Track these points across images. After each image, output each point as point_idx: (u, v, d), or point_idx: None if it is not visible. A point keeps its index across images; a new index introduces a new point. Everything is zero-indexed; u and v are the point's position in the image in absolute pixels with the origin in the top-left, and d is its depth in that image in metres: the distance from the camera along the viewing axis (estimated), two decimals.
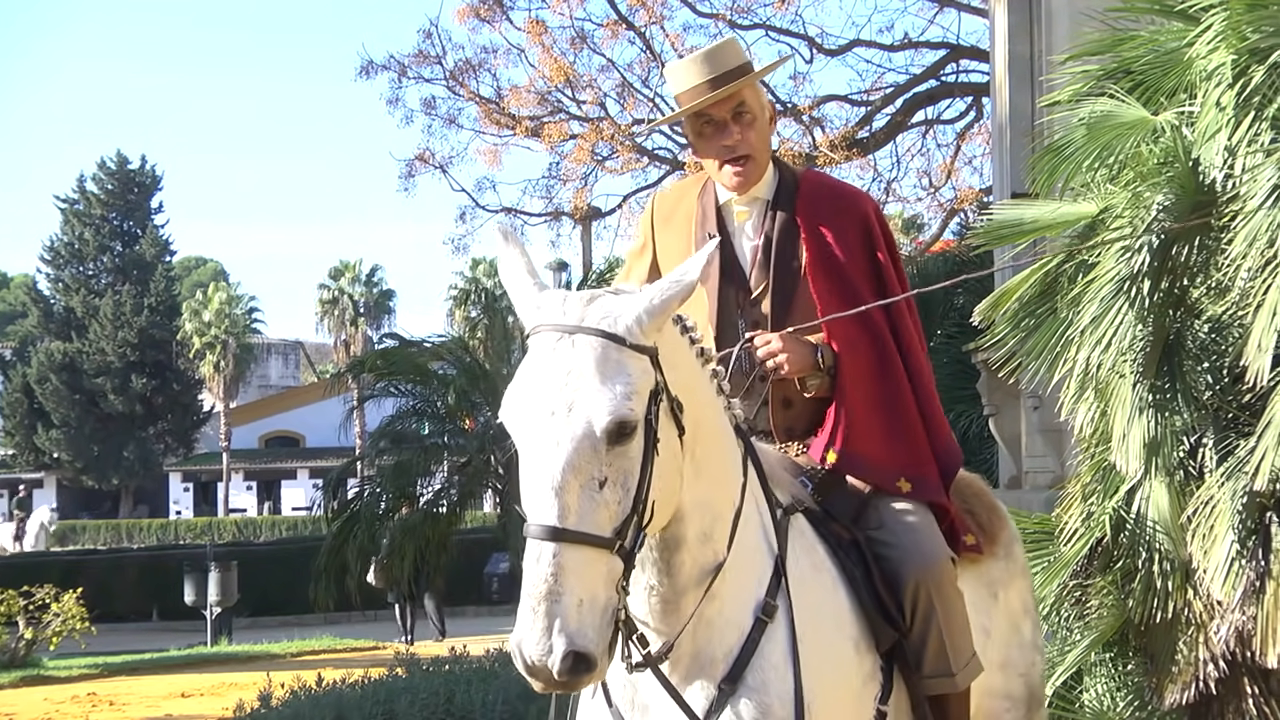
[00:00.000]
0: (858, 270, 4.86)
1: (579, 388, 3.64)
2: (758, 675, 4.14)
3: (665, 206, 5.09)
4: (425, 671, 12.55)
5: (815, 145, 27.52)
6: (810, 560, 4.44)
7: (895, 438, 4.78)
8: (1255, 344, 6.55)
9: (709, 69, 4.80)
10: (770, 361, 4.67)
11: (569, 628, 3.50)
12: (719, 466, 4.14)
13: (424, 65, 30.40)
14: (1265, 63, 6.73)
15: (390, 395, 22.99)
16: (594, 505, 3.62)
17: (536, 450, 3.64)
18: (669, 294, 3.84)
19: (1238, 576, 6.86)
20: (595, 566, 3.58)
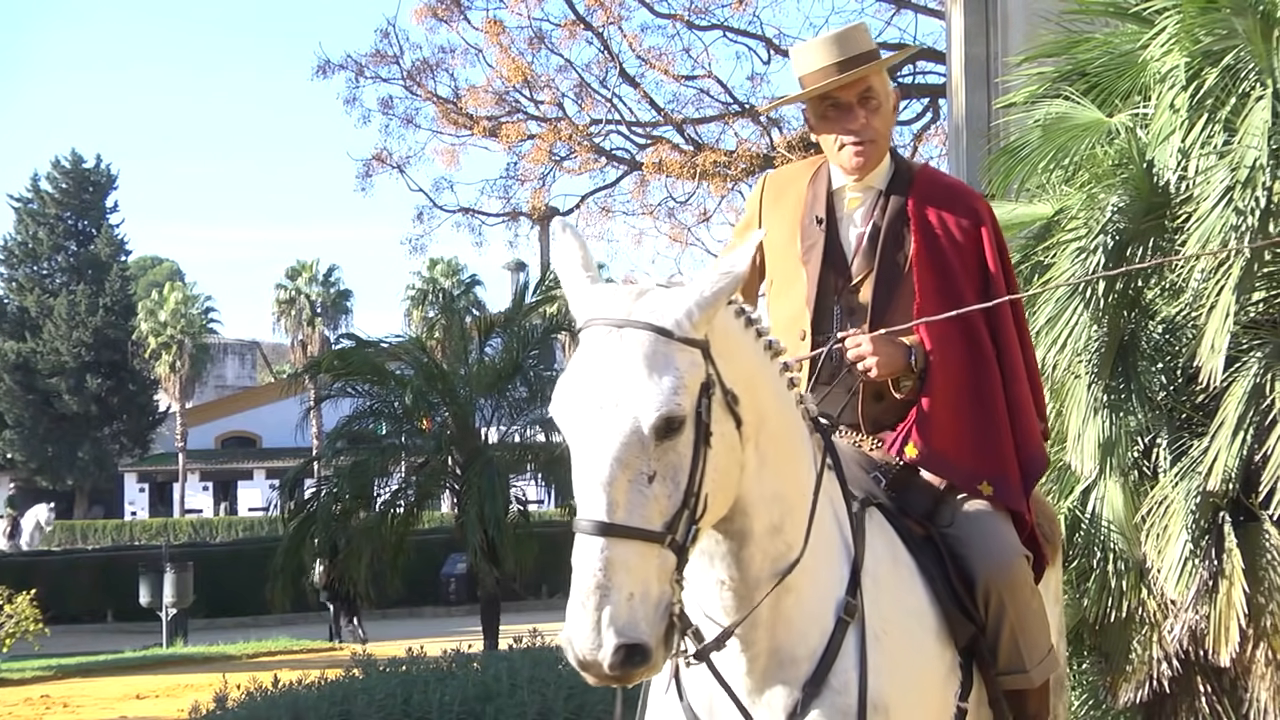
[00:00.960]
0: (964, 268, 4.81)
1: (626, 382, 3.62)
2: (841, 677, 4.13)
3: (776, 187, 5.05)
4: (382, 672, 12.49)
5: (773, 146, 27.56)
6: (889, 554, 4.42)
7: (980, 440, 4.74)
8: (1208, 344, 6.60)
9: (838, 51, 4.77)
10: (860, 364, 4.64)
11: (619, 621, 3.49)
12: (789, 459, 4.10)
13: (381, 65, 30.35)
14: (1218, 65, 6.78)
15: (347, 395, 22.90)
16: (643, 499, 3.59)
17: (585, 445, 3.63)
18: (718, 286, 3.80)
19: (1191, 576, 6.90)
20: (646, 560, 3.57)
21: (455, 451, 22.03)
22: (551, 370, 24.92)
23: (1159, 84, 7.20)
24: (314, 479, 24.02)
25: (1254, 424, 6.74)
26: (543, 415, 22.44)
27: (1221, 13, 6.74)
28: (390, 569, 21.81)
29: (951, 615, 4.49)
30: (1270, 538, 6.73)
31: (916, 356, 4.67)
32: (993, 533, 4.68)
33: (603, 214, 30.34)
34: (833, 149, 4.85)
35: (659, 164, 27.76)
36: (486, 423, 22.53)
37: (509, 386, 22.26)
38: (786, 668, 4.10)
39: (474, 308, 48.33)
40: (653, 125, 29.02)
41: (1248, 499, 6.84)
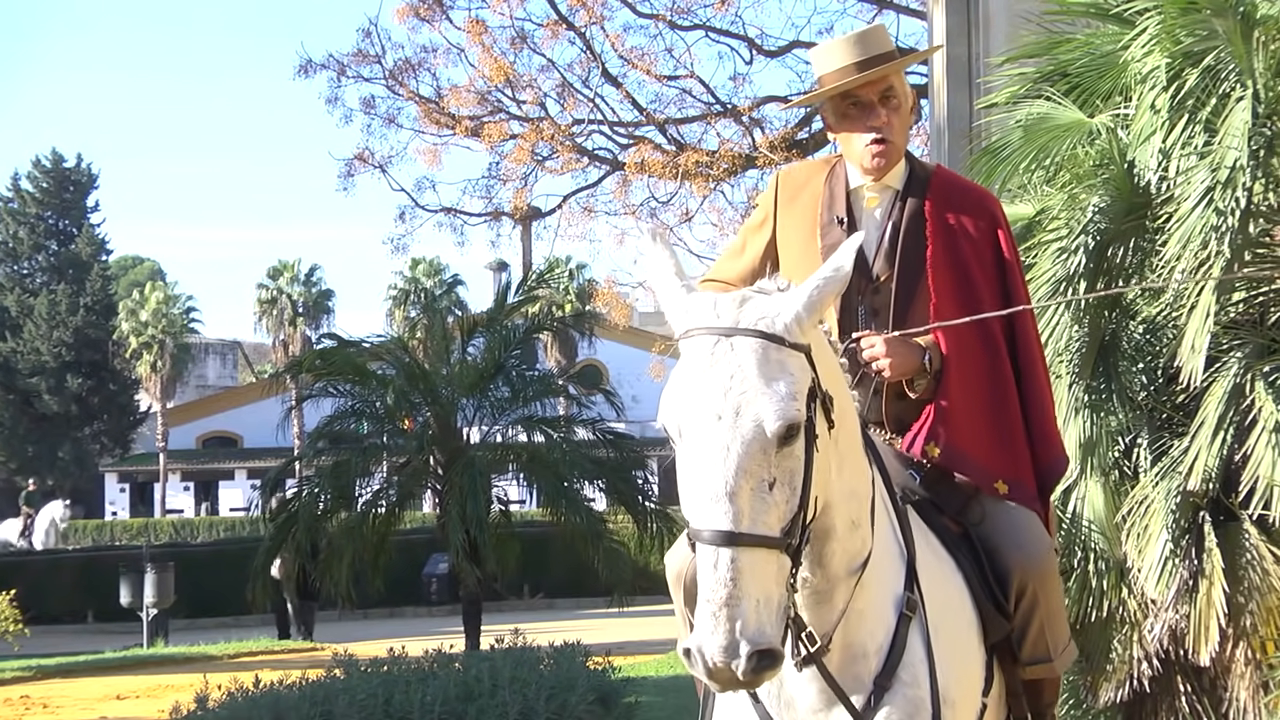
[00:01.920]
0: (980, 269, 4.84)
1: (744, 391, 3.62)
2: (910, 671, 4.15)
3: (791, 185, 5.04)
4: (363, 673, 12.47)
5: (755, 146, 27.57)
6: (931, 551, 4.45)
7: (996, 441, 4.77)
8: (1189, 345, 6.62)
9: (859, 51, 4.79)
10: (874, 365, 4.65)
11: (749, 630, 3.49)
12: (858, 457, 4.13)
13: (363, 64, 30.29)
14: (1198, 66, 6.79)
15: (329, 395, 22.84)
16: (765, 507, 3.61)
17: (705, 455, 3.62)
18: (825, 290, 3.82)
19: (1171, 575, 6.93)
20: (768, 567, 3.58)
21: (437, 451, 22.00)
22: (534, 370, 24.91)
23: (1140, 85, 7.21)
24: (295, 479, 24.01)
25: (1234, 424, 6.76)
26: (524, 414, 22.46)
27: (1202, 14, 6.76)
28: (372, 569, 21.77)
29: (987, 613, 4.53)
30: (1250, 537, 6.75)
31: (931, 358, 4.70)
32: (1024, 526, 4.72)
33: (585, 214, 30.31)
34: (853, 148, 4.86)
35: (641, 164, 27.74)
36: (468, 423, 22.50)
37: (491, 386, 22.23)
38: (859, 662, 4.12)
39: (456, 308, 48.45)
40: (635, 125, 29.01)
41: (1228, 499, 6.87)
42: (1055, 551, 4.80)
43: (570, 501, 21.75)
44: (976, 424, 4.73)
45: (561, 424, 23.25)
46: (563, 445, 22.18)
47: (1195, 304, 6.68)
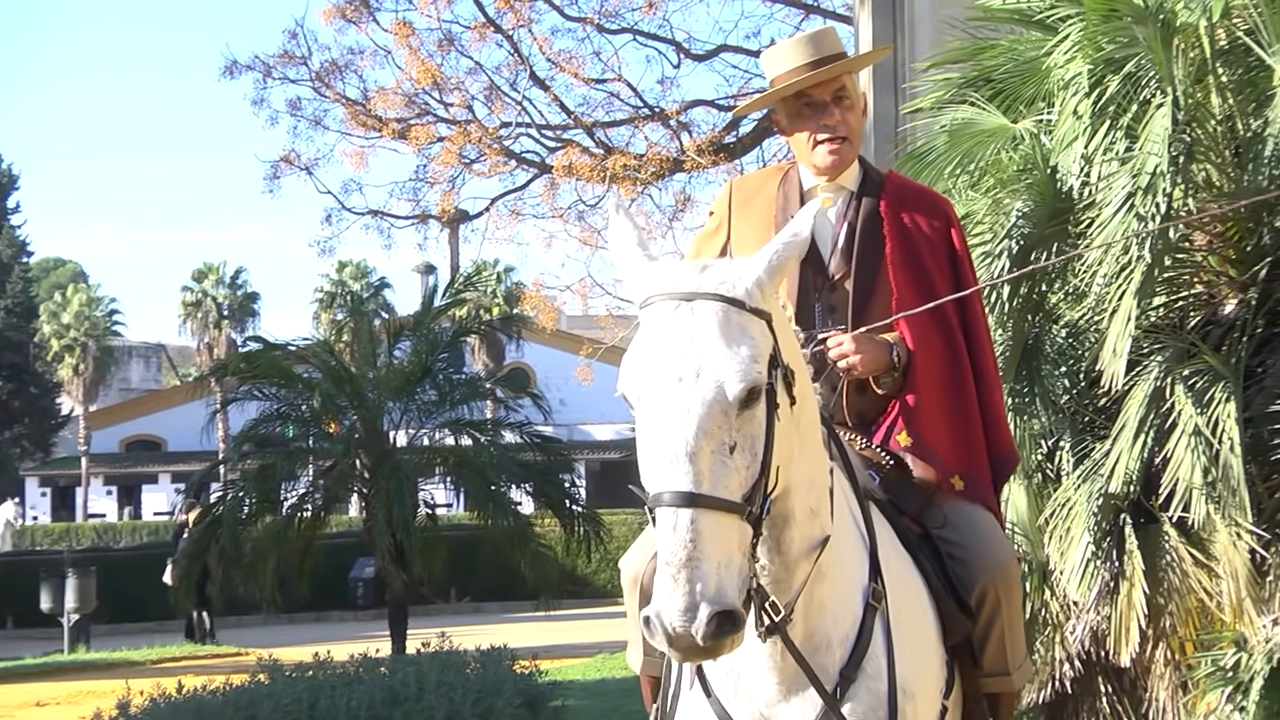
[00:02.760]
0: (937, 267, 4.90)
1: (705, 353, 3.61)
2: (874, 663, 4.15)
3: (745, 191, 5.08)
4: (288, 677, 12.38)
5: (683, 150, 27.59)
6: (893, 547, 4.45)
7: (956, 436, 4.82)
8: (1111, 349, 6.68)
9: (811, 51, 4.84)
10: (843, 362, 4.67)
11: (709, 591, 3.45)
12: (817, 442, 4.12)
13: (289, 66, 30.08)
14: (1120, 73, 6.86)
15: (254, 399, 22.70)
16: (725, 470, 3.58)
17: (665, 417, 3.59)
18: (785, 254, 3.82)
19: (1093, 577, 6.98)
20: (730, 531, 3.54)
21: (363, 455, 21.90)
22: (461, 374, 24.86)
23: (1062, 91, 7.27)
24: (220, 483, 23.84)
25: (1154, 427, 6.82)
26: (451, 418, 22.41)
27: (1123, 21, 6.82)
28: (297, 573, 21.68)
29: (949, 612, 4.54)
30: (1169, 539, 6.82)
31: (899, 353, 4.74)
32: (991, 534, 4.77)
33: (512, 217, 30.21)
34: (806, 148, 4.90)
35: (569, 167, 27.69)
36: (395, 426, 22.42)
37: (418, 389, 22.16)
38: (822, 653, 4.10)
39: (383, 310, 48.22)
40: (563, 128, 28.96)
41: (1148, 501, 6.93)
42: (1019, 560, 4.84)
43: (497, 505, 21.72)
44: (939, 418, 4.78)
45: (489, 427, 23.22)
46: (490, 449, 22.14)
47: (1117, 308, 6.74)
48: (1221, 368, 6.64)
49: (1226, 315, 7.04)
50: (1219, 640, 6.64)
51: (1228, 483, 6.44)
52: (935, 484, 4.72)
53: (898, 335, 4.77)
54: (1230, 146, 6.98)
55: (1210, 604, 6.72)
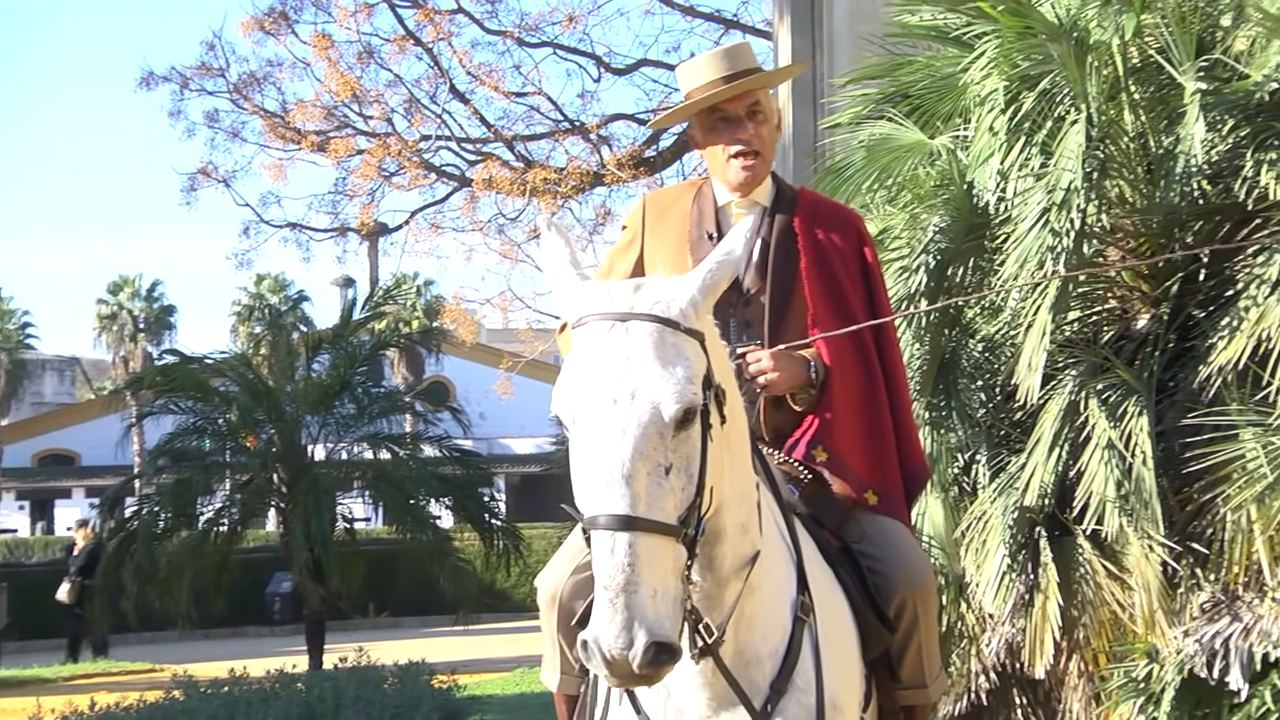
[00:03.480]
0: (850, 283, 4.92)
1: (640, 374, 3.59)
2: (805, 676, 4.15)
3: (658, 206, 5.07)
4: (203, 694, 12.30)
5: (603, 164, 27.61)
6: (816, 560, 4.45)
7: (870, 451, 4.84)
8: (1026, 363, 6.73)
9: (726, 66, 4.85)
10: (762, 379, 4.68)
11: (648, 619, 3.43)
12: (746, 459, 4.11)
13: (207, 78, 29.93)
14: (1035, 89, 6.92)
15: (170, 412, 22.56)
16: (661, 493, 3.57)
17: (600, 439, 3.56)
18: (718, 274, 3.81)
19: (1008, 590, 7.03)
20: (665, 555, 3.53)
21: (281, 469, 21.79)
22: (380, 387, 24.75)
23: (979, 107, 7.33)
24: (135, 497, 23.64)
25: (1069, 440, 6.88)
26: (370, 432, 22.33)
27: (1038, 39, 6.89)
28: (213, 588, 21.54)
29: (869, 625, 4.55)
30: (1083, 552, 6.87)
31: (816, 369, 4.76)
32: (907, 547, 4.80)
33: (432, 230, 30.12)
34: (720, 162, 4.91)
35: (489, 180, 27.64)
36: (313, 440, 22.32)
37: (336, 403, 22.08)
38: (752, 667, 4.09)
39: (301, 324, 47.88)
40: (483, 142, 28.92)
41: (1062, 514, 6.98)
42: (936, 573, 4.87)
43: (416, 519, 21.66)
44: (853, 434, 4.81)
45: (408, 441, 23.17)
46: (409, 462, 22.09)
47: (1032, 322, 6.79)
48: (1134, 382, 6.71)
49: (1139, 330, 7.12)
50: (1131, 652, 6.70)
51: (1140, 496, 6.51)
52: (850, 499, 4.74)
53: (814, 352, 4.79)
54: (1142, 163, 7.06)
55: (1123, 616, 6.78)
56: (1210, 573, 6.55)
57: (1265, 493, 6.11)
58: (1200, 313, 6.81)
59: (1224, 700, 6.38)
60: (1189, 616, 6.54)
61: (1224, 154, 6.73)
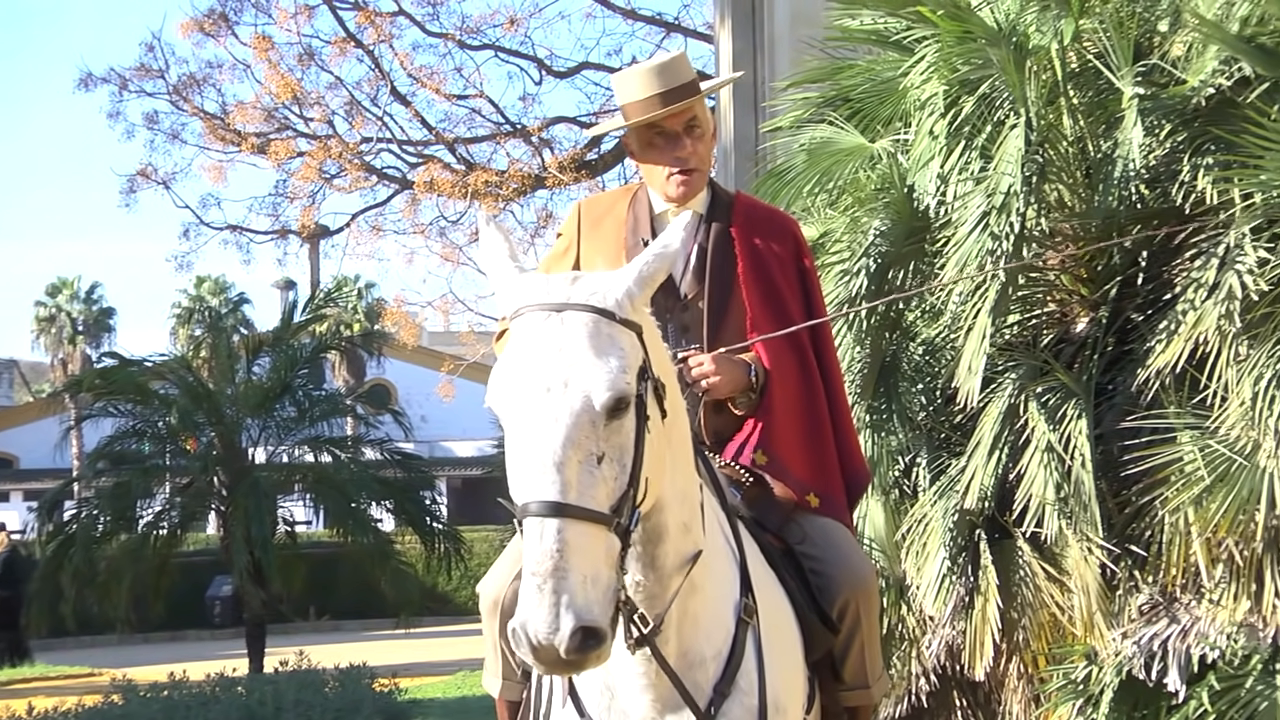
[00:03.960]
0: (788, 286, 4.95)
1: (574, 363, 3.59)
2: (748, 678, 4.16)
3: (594, 212, 5.09)
4: (143, 698, 12.22)
5: (544, 166, 27.61)
6: (760, 564, 4.46)
7: (810, 454, 4.86)
8: (966, 366, 6.76)
9: (662, 82, 4.85)
10: (704, 382, 4.69)
11: (576, 604, 3.42)
12: (688, 458, 4.12)
13: (146, 79, 29.79)
14: (974, 94, 6.95)
15: (109, 415, 22.41)
16: (593, 481, 3.57)
17: (532, 427, 3.56)
18: (655, 265, 3.83)
19: (949, 592, 7.06)
20: (597, 543, 3.52)
21: (221, 472, 21.70)
22: (321, 390, 24.66)
23: (919, 111, 7.36)
24: (74, 500, 23.47)
25: (1009, 443, 6.91)
26: (311, 435, 22.24)
27: (977, 43, 6.91)
28: (153, 592, 21.42)
29: (812, 626, 4.57)
30: (1023, 554, 6.90)
31: (757, 373, 4.79)
32: (849, 548, 4.83)
33: (373, 233, 30.11)
34: (658, 177, 4.93)
35: (430, 183, 27.62)
36: (254, 443, 22.22)
37: (277, 406, 21.99)
38: (696, 669, 4.10)
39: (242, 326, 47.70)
40: (424, 144, 28.88)
41: (1002, 517, 7.01)
42: (877, 573, 4.89)
43: (357, 522, 21.60)
44: (793, 437, 4.83)
45: (349, 444, 23.09)
46: (350, 465, 22.03)
47: (972, 326, 6.82)
48: (1073, 385, 6.74)
49: (1078, 333, 7.15)
50: (1070, 654, 6.74)
51: (1079, 498, 6.54)
52: (792, 501, 4.75)
53: (754, 356, 4.82)
54: (1081, 167, 7.10)
55: (1062, 618, 6.82)
56: (1148, 575, 6.59)
57: (1202, 495, 6.15)
58: (1138, 316, 6.85)
59: (1162, 701, 6.42)
60: (1127, 618, 6.58)
61: (1161, 158, 6.77)
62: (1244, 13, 6.39)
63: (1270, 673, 6.14)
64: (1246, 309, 6.13)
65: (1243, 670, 6.19)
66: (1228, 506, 6.09)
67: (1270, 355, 6.02)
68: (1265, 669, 6.15)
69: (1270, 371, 6.01)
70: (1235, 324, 6.14)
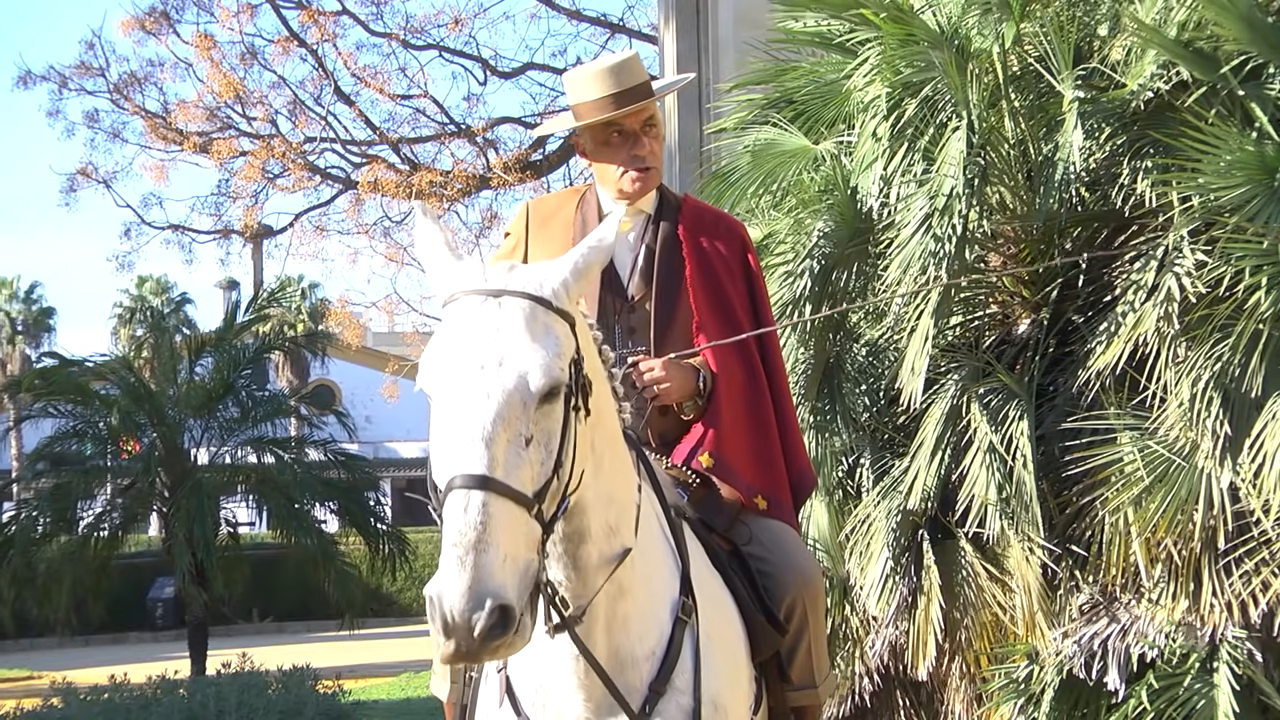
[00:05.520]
0: (734, 290, 4.99)
1: (509, 343, 3.60)
2: (684, 677, 4.16)
3: (542, 212, 5.11)
4: (83, 701, 12.15)
5: (489, 167, 27.56)
6: (703, 563, 4.47)
7: (757, 456, 4.89)
8: (909, 367, 6.80)
9: (616, 82, 4.87)
10: (655, 388, 4.71)
11: (493, 581, 3.40)
12: (618, 461, 4.11)
13: (86, 77, 29.56)
14: (917, 96, 6.98)
15: (49, 416, 22.26)
16: (519, 462, 3.56)
17: (463, 403, 3.56)
18: (590, 258, 3.84)
19: (892, 592, 7.09)
20: (518, 523, 3.51)
21: (163, 473, 21.58)
22: (264, 390, 24.55)
23: (862, 113, 7.38)
24: (13, 502, 23.30)
25: (951, 444, 6.95)
26: (254, 435, 22.13)
27: (920, 46, 6.95)
28: (93, 594, 21.27)
29: (758, 626, 4.58)
30: (965, 555, 6.95)
31: (705, 379, 4.81)
32: (795, 548, 4.86)
33: (317, 233, 29.94)
34: (612, 176, 4.95)
35: (374, 183, 27.50)
36: (196, 444, 22.11)
37: (220, 407, 21.88)
38: (628, 669, 4.11)
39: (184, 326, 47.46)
40: (368, 144, 28.76)
41: (945, 517, 7.05)
42: (823, 574, 4.92)
43: (301, 523, 21.50)
44: (740, 440, 4.86)
45: (292, 445, 23.00)
46: (294, 467, 21.93)
47: (915, 327, 6.86)
48: (1015, 386, 6.79)
49: (1020, 335, 7.20)
50: (1012, 653, 6.78)
51: (1021, 499, 6.59)
52: (739, 503, 4.77)
53: (702, 360, 4.85)
54: (1023, 170, 7.14)
55: (1004, 618, 6.86)
56: (1089, 575, 6.64)
57: (1142, 495, 6.21)
58: (1079, 318, 6.91)
59: (1102, 700, 6.47)
60: (1068, 618, 6.63)
61: (1102, 161, 6.83)
62: (1181, 18, 6.45)
63: (1207, 671, 6.20)
64: (1185, 311, 6.20)
65: (1181, 669, 6.24)
66: (1166, 507, 6.15)
67: (1208, 357, 6.08)
68: (1203, 668, 6.21)
69: (1208, 373, 6.07)
70: (1174, 326, 6.21)
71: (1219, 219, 6.09)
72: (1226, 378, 6.07)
